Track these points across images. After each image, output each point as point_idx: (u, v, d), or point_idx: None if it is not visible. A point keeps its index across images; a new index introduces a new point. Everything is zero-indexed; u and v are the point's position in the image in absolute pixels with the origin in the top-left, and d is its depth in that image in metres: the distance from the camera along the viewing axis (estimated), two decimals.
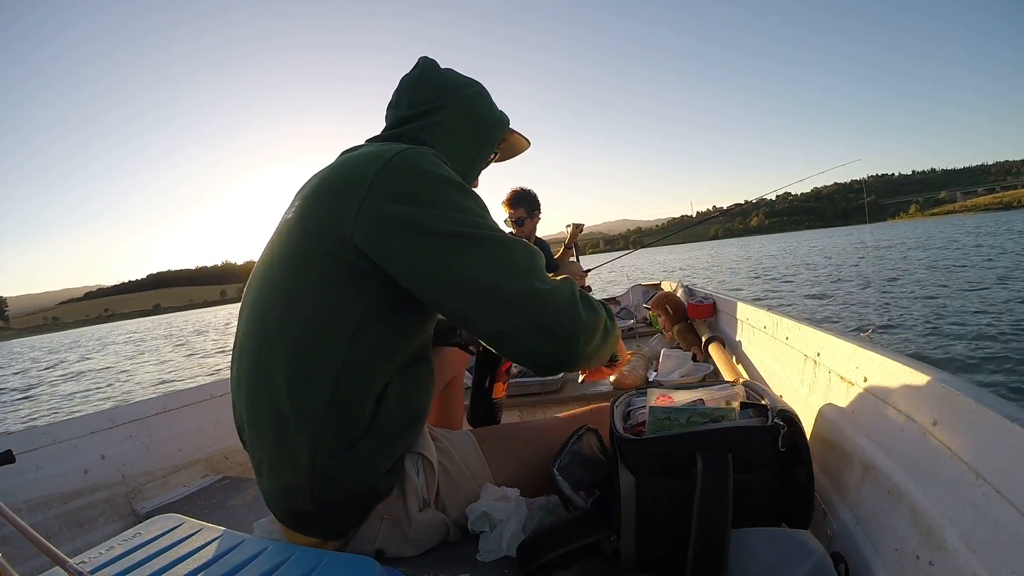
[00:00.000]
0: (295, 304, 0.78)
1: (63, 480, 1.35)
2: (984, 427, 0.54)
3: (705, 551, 0.67)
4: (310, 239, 0.78)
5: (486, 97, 0.99)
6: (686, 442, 0.71)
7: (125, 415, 1.55)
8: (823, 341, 1.03)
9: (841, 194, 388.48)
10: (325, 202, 0.78)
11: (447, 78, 0.97)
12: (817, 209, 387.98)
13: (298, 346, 0.77)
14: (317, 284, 0.77)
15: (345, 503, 0.80)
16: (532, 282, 0.73)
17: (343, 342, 0.76)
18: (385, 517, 0.84)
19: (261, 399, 0.79)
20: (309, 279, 0.77)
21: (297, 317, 0.77)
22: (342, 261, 0.75)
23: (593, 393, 1.91)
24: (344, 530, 0.83)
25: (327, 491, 0.78)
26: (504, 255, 0.73)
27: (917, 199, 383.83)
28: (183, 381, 10.00)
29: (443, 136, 0.92)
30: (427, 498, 0.87)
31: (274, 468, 0.80)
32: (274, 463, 0.80)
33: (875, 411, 0.78)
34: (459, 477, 0.91)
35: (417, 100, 0.94)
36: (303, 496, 0.78)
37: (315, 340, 0.76)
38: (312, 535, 0.82)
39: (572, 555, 0.77)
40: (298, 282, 0.78)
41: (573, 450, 0.90)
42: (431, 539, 0.89)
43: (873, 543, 0.70)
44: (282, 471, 0.79)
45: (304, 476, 0.77)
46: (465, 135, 0.95)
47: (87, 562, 0.67)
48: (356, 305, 0.76)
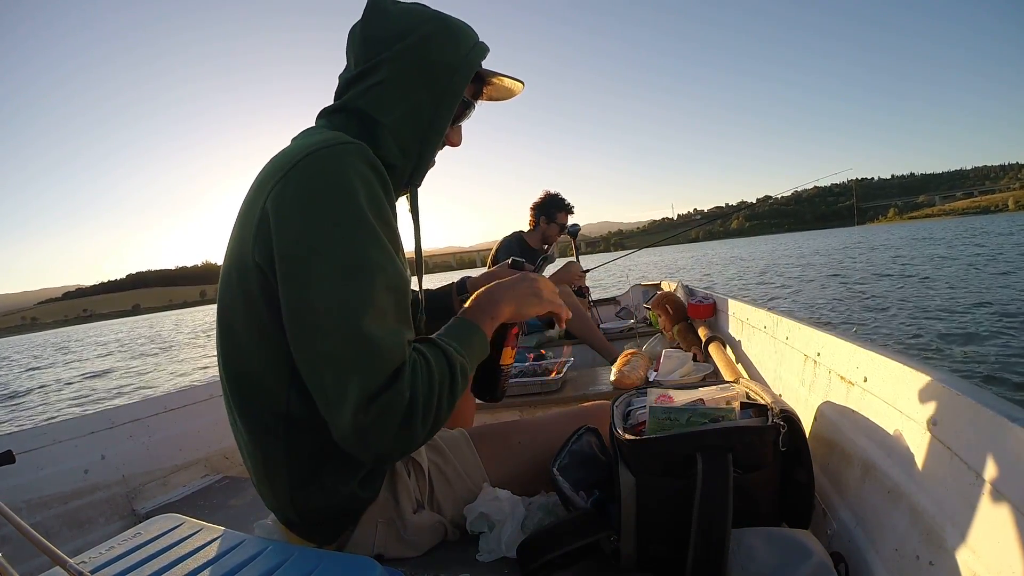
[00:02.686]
0: (229, 336, 0.75)
1: (63, 480, 1.35)
2: (984, 427, 0.54)
3: (705, 551, 0.67)
4: (235, 261, 0.73)
5: (443, 35, 0.79)
6: (686, 442, 0.71)
7: (125, 415, 1.55)
8: (823, 341, 1.03)
9: (821, 197, 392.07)
10: (242, 218, 0.73)
11: (394, 22, 0.79)
12: (797, 212, 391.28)
13: (237, 379, 0.75)
14: (244, 311, 0.72)
15: (329, 514, 0.80)
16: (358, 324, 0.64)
17: (279, 365, 0.71)
18: (379, 521, 0.84)
19: (231, 414, 0.80)
20: (238, 308, 0.73)
21: (231, 352, 0.75)
22: (258, 284, 0.70)
23: (593, 393, 1.91)
24: (334, 536, 0.83)
25: (309, 503, 0.78)
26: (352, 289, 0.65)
27: (896, 203, 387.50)
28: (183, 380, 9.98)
29: (389, 100, 0.78)
30: (420, 499, 0.87)
31: (258, 482, 0.81)
32: (255, 479, 0.81)
33: (875, 411, 0.77)
34: (453, 476, 0.90)
35: (361, 56, 0.80)
36: (288, 510, 0.79)
37: (251, 364, 0.73)
38: (306, 539, 0.82)
39: (572, 555, 0.77)
40: (233, 315, 0.74)
41: (573, 450, 0.90)
42: (429, 539, 0.89)
43: (873, 543, 0.70)
44: (262, 488, 0.80)
45: (283, 496, 0.77)
46: (419, 90, 0.78)
47: (87, 562, 0.67)
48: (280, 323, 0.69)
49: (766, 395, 0.82)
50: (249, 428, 0.76)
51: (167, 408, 1.66)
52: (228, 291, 0.74)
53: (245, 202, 0.75)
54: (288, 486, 0.76)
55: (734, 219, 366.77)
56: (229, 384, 0.77)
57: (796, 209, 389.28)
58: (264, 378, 0.73)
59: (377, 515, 0.84)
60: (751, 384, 0.89)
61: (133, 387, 10.03)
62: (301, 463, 0.76)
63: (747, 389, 0.87)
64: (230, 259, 0.74)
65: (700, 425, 0.73)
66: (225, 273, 0.75)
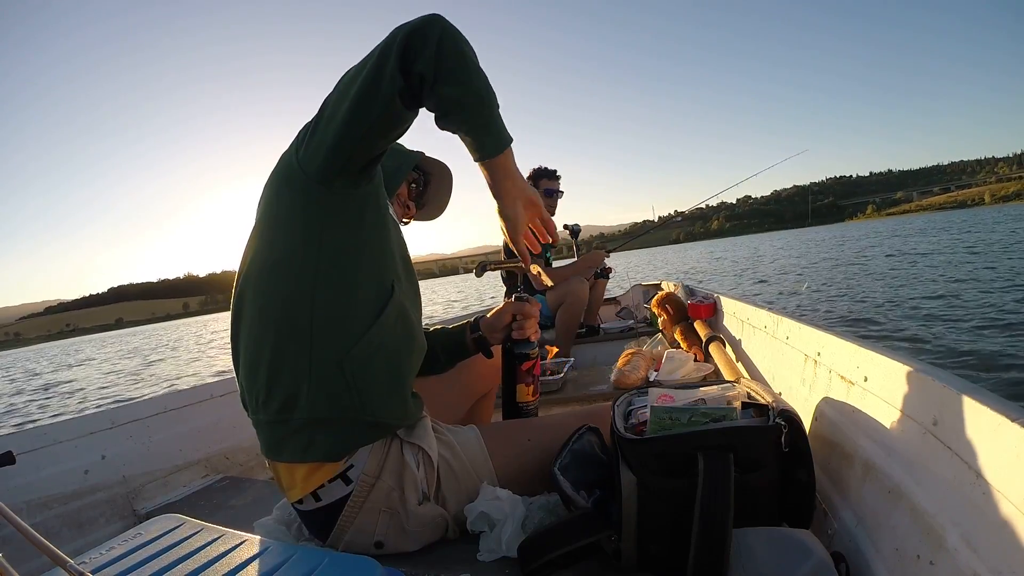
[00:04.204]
0: (266, 233, 0.85)
1: (63, 480, 1.35)
2: (984, 427, 0.54)
3: (706, 551, 0.67)
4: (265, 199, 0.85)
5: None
6: (688, 442, 0.71)
7: (125, 415, 1.55)
8: (823, 341, 1.03)
9: (800, 196, 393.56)
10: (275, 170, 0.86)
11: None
12: (777, 212, 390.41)
13: (270, 272, 0.83)
14: (281, 224, 0.83)
15: (340, 414, 0.83)
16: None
17: (309, 251, 0.81)
18: (383, 510, 0.85)
19: (255, 331, 0.84)
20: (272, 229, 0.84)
21: (265, 238, 0.84)
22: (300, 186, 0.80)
23: (594, 393, 1.91)
24: (341, 450, 0.84)
25: (325, 396, 0.81)
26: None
27: (874, 200, 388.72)
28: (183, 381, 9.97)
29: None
30: (427, 492, 0.88)
31: (271, 390, 0.83)
32: (272, 384, 0.83)
33: (875, 411, 0.77)
34: (461, 471, 0.91)
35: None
36: (301, 404, 0.81)
37: (278, 275, 0.82)
38: (309, 457, 0.84)
39: (573, 555, 0.77)
40: (269, 227, 0.85)
41: (574, 449, 0.90)
42: (430, 534, 0.89)
43: (874, 543, 0.70)
44: (276, 388, 0.82)
45: (302, 377, 0.81)
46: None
47: (88, 562, 0.67)
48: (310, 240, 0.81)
49: (767, 395, 0.82)
50: (270, 334, 0.82)
51: (167, 408, 1.65)
52: (267, 207, 0.85)
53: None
54: (309, 365, 0.81)
55: (713, 220, 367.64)
56: (254, 291, 0.84)
57: (775, 208, 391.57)
58: (286, 264, 0.82)
59: (382, 504, 0.85)
60: (752, 384, 0.89)
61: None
62: (328, 342, 0.81)
63: (748, 389, 0.87)
64: (270, 187, 0.85)
65: (701, 425, 0.73)
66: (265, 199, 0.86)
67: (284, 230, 0.82)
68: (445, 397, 1.15)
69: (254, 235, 0.86)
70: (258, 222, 0.86)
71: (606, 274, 3.11)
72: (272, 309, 0.82)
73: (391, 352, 0.86)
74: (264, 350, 0.82)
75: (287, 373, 0.82)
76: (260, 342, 0.83)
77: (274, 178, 0.84)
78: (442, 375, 1.15)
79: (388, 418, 0.86)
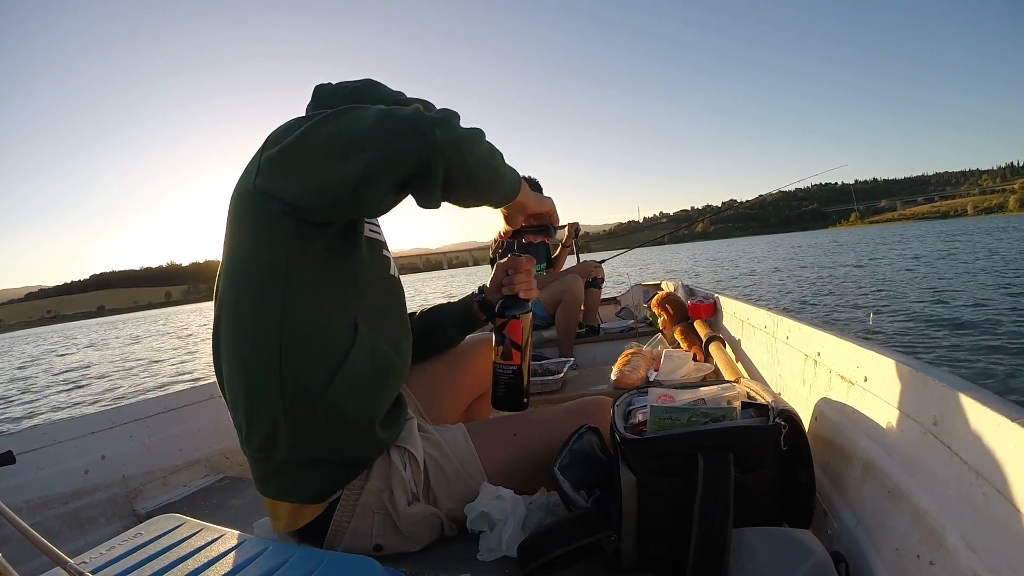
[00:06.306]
0: (234, 259, 0.83)
1: (63, 480, 1.35)
2: (984, 427, 0.54)
3: (706, 551, 0.67)
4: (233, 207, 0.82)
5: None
6: (687, 442, 0.71)
7: (125, 415, 1.55)
8: (823, 341, 1.03)
9: (785, 202, 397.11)
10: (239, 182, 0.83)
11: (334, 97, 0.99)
12: (762, 216, 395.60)
13: (237, 305, 0.81)
14: (250, 236, 0.81)
15: (322, 455, 0.82)
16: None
17: (276, 287, 0.79)
18: (376, 512, 0.85)
19: (231, 365, 0.83)
20: (243, 234, 0.82)
21: (234, 264, 0.82)
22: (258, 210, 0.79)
23: (594, 393, 1.91)
24: (325, 493, 0.84)
25: (302, 438, 0.80)
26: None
27: (858, 207, 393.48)
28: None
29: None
30: (416, 492, 0.88)
31: (252, 426, 0.82)
32: (251, 419, 0.82)
33: (875, 411, 0.78)
34: (450, 469, 0.92)
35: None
36: (280, 444, 0.80)
37: (245, 311, 0.81)
38: (293, 499, 0.84)
39: (573, 555, 0.77)
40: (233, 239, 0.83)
41: (574, 449, 0.90)
42: (427, 534, 0.89)
43: (874, 542, 0.70)
44: (256, 424, 0.81)
45: (279, 417, 0.79)
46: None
47: (88, 562, 0.67)
48: (279, 252, 0.79)
49: (767, 395, 0.82)
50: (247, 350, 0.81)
51: (167, 408, 1.65)
52: (235, 224, 0.83)
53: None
54: (283, 398, 0.79)
55: (699, 222, 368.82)
56: (227, 322, 0.83)
57: (761, 213, 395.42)
58: (257, 276, 0.80)
59: (373, 506, 0.85)
60: (752, 384, 0.89)
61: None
62: (304, 372, 0.80)
63: (748, 389, 0.87)
64: (236, 195, 0.83)
65: (701, 425, 0.73)
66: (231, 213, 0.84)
67: (248, 263, 0.81)
68: (443, 396, 1.15)
69: (223, 262, 0.85)
70: (225, 245, 0.84)
71: (598, 283, 3.15)
72: (244, 349, 0.81)
73: (367, 393, 0.84)
74: (241, 387, 0.81)
75: (264, 411, 0.80)
76: (237, 376, 0.82)
77: (236, 211, 0.82)
78: (441, 375, 1.15)
79: (369, 454, 0.86)
